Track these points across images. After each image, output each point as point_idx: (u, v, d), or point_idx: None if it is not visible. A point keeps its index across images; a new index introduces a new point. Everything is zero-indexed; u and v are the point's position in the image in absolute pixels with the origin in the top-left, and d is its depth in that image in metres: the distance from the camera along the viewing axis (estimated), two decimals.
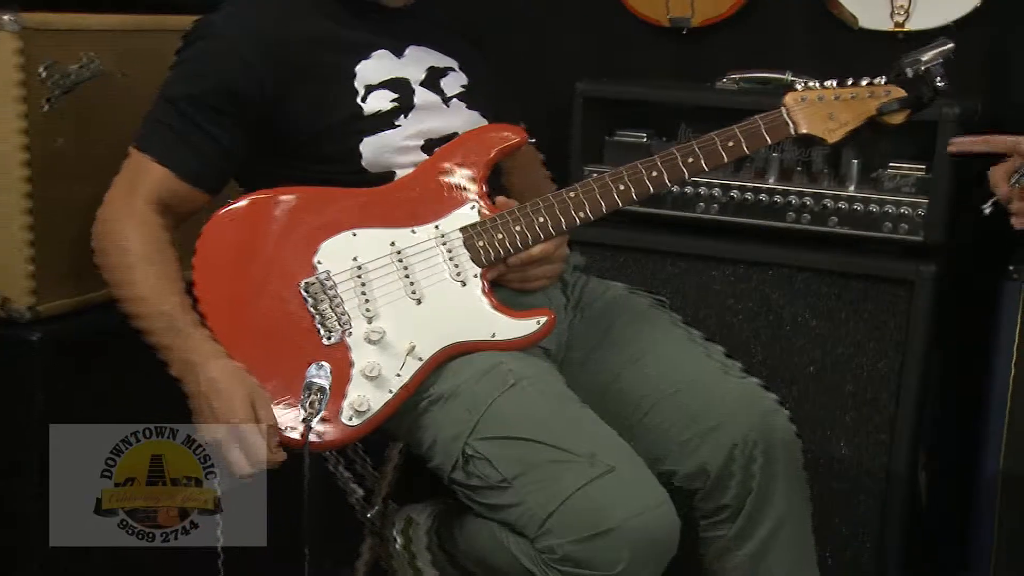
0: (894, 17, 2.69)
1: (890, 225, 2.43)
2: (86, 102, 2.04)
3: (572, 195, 1.91)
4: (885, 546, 2.47)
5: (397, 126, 1.94)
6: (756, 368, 2.49)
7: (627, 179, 1.91)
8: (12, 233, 1.98)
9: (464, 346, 1.85)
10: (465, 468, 1.77)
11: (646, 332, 2.01)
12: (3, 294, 1.99)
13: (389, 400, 1.81)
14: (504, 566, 1.78)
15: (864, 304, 2.45)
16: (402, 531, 2.03)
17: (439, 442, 1.81)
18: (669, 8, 2.88)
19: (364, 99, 1.93)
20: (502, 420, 1.77)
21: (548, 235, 1.90)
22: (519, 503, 1.72)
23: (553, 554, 1.68)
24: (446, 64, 2.04)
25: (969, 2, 2.63)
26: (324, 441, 1.79)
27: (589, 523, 1.66)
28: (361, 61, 1.95)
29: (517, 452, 1.74)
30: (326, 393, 1.78)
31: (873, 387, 2.46)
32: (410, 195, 1.92)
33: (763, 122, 1.92)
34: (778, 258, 2.50)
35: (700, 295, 2.57)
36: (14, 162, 1.95)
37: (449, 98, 2.01)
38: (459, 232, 1.89)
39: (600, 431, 1.79)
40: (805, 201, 2.48)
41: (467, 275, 1.88)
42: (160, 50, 2.08)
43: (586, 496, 1.67)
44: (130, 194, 1.85)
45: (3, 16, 1.89)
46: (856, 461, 2.48)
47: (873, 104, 1.93)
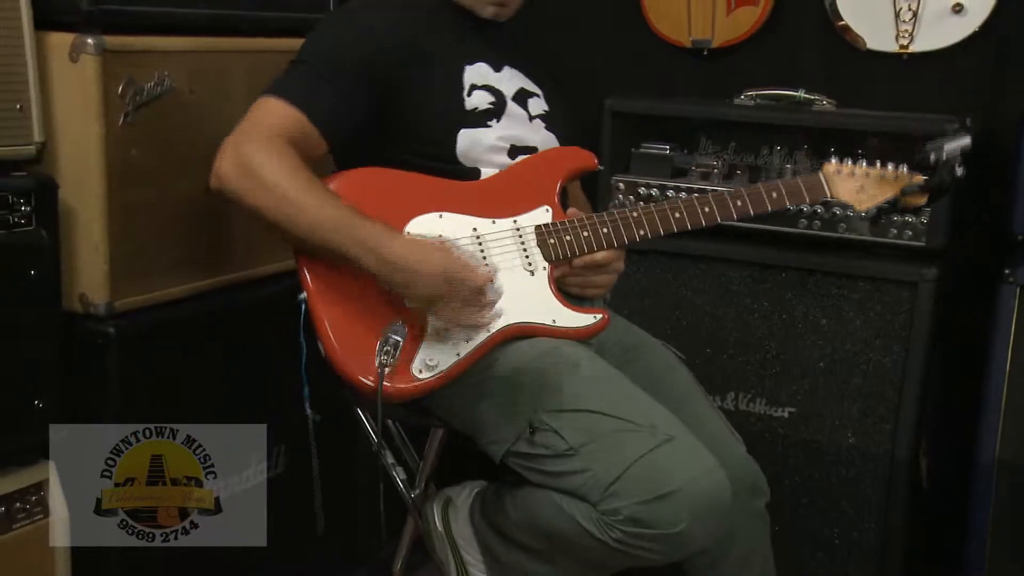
0: (899, 40, 2.70)
1: (895, 231, 2.43)
2: (159, 116, 2.06)
3: (635, 215, 1.96)
4: (888, 527, 2.48)
5: (490, 126, 1.98)
6: (770, 363, 2.56)
7: (683, 210, 1.97)
8: (91, 236, 1.99)
9: (526, 328, 1.88)
10: (531, 439, 1.78)
11: (670, 376, 2.05)
12: (83, 291, 2.01)
13: (456, 362, 1.83)
14: (563, 529, 1.77)
15: (870, 304, 2.46)
16: (441, 511, 2.02)
17: (503, 418, 1.83)
18: (691, 30, 2.90)
19: (469, 94, 1.98)
20: (567, 394, 1.79)
21: (611, 245, 1.94)
22: (585, 469, 1.72)
23: (617, 515, 1.69)
24: (533, 89, 2.08)
25: (968, 27, 2.65)
26: (394, 389, 1.80)
27: (652, 486, 1.68)
28: (467, 65, 2.01)
29: (583, 423, 1.75)
30: (399, 348, 1.79)
31: (878, 381, 2.46)
32: (493, 191, 1.96)
33: (803, 183, 2.03)
34: (791, 261, 2.51)
35: (720, 294, 2.58)
36: (94, 171, 1.97)
37: (533, 116, 2.06)
38: (533, 229, 1.93)
39: (654, 405, 1.82)
40: (816, 209, 2.48)
41: (536, 266, 1.92)
42: (224, 69, 2.15)
43: (650, 462, 1.69)
44: (262, 131, 1.84)
45: (87, 40, 1.92)
46: (862, 449, 2.49)
47: (899, 186, 2.02)
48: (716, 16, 2.89)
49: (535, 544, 1.86)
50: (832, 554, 2.53)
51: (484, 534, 1.95)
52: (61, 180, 1.96)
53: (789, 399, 2.54)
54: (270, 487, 2.32)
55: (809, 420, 2.52)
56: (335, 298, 1.84)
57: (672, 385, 2.00)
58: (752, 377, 2.58)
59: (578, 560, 1.82)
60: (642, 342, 2.11)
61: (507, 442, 1.80)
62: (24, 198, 1.88)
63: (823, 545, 2.53)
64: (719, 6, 2.88)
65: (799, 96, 2.65)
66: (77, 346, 2.01)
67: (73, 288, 2.01)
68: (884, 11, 2.71)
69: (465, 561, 1.97)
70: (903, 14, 2.69)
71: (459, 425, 1.91)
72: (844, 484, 2.50)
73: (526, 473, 1.81)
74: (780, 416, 2.55)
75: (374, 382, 1.77)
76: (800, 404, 2.53)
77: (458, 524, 1.99)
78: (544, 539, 1.83)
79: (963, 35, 2.66)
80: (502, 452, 1.82)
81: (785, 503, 2.51)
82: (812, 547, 2.54)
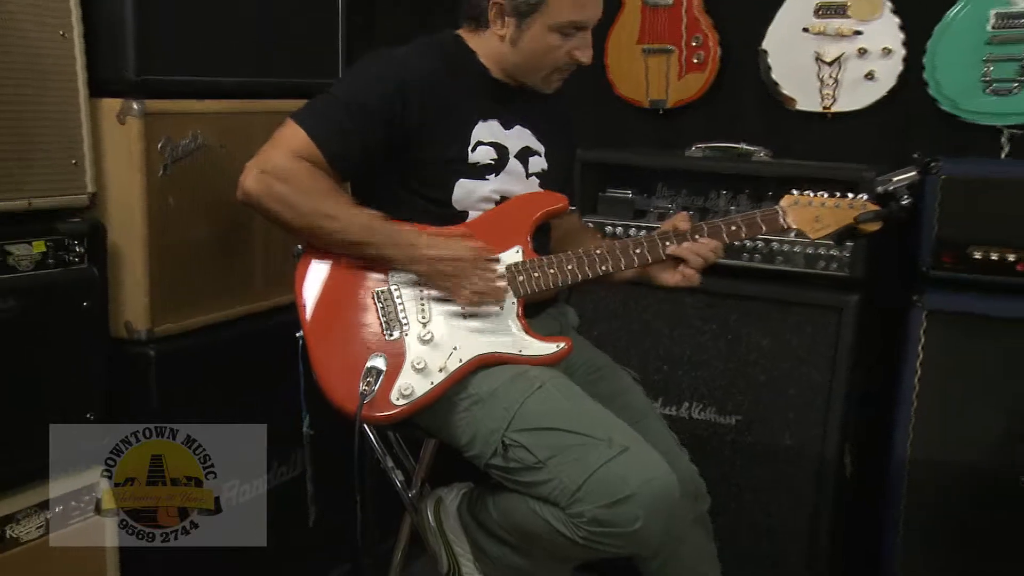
0: (823, 102, 2.74)
1: (823, 264, 2.46)
2: (192, 168, 2.07)
3: (599, 251, 1.90)
4: (820, 512, 2.49)
5: (487, 180, 1.92)
6: (719, 377, 2.55)
7: (644, 245, 1.91)
8: (135, 272, 2.00)
9: (495, 357, 1.83)
10: (504, 455, 1.75)
11: (628, 395, 2.01)
12: (128, 319, 2.02)
13: (430, 390, 1.79)
14: (537, 529, 1.75)
15: (803, 326, 2.47)
16: (433, 509, 1.98)
17: (480, 435, 1.79)
18: (649, 93, 2.93)
19: (473, 149, 1.90)
20: (533, 415, 1.75)
21: (575, 280, 1.89)
22: (552, 479, 1.70)
23: (582, 518, 1.67)
24: (536, 148, 1.99)
25: (880, 91, 2.70)
26: (374, 415, 1.77)
27: (611, 492, 1.66)
28: (480, 121, 1.92)
29: (549, 439, 1.72)
30: (381, 377, 1.76)
31: (810, 391, 2.47)
32: (474, 234, 1.89)
33: (761, 216, 1.93)
34: (737, 290, 2.52)
35: (675, 319, 2.58)
36: (137, 217, 1.99)
37: (530, 174, 1.98)
38: (505, 268, 1.88)
39: (612, 420, 1.78)
40: (757, 245, 2.51)
41: (505, 301, 1.87)
42: (247, 127, 2.13)
43: (608, 471, 1.67)
44: (281, 148, 1.80)
45: (132, 105, 1.95)
46: (797, 449, 2.49)
47: (853, 214, 1.92)
48: (670, 80, 2.91)
49: (514, 539, 1.85)
50: (772, 539, 2.53)
51: (471, 529, 1.93)
52: (109, 224, 1.97)
53: (735, 408, 2.55)
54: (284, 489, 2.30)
55: (752, 426, 2.54)
56: (326, 335, 1.83)
57: (629, 402, 1.97)
58: (703, 389, 2.57)
59: (551, 553, 1.81)
60: (606, 364, 2.07)
61: (484, 457, 1.78)
62: (78, 240, 1.89)
63: (764, 532, 2.53)
64: (672, 72, 2.90)
65: (741, 148, 2.68)
66: (122, 366, 2.01)
67: (119, 317, 2.02)
68: (810, 78, 2.75)
69: (455, 552, 1.95)
70: (826, 80, 2.72)
71: (446, 439, 1.88)
72: (782, 480, 2.51)
73: (503, 481, 1.80)
74: (728, 423, 2.56)
75: (355, 407, 1.75)
76: (744, 412, 2.54)
77: (448, 520, 1.96)
78: (522, 536, 1.82)
79: (875, 98, 2.71)
80: (482, 464, 1.80)
81: (732, 497, 2.53)
82: (755, 534, 2.54)
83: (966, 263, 2.35)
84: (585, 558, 1.83)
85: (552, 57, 1.90)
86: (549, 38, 1.87)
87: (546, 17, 1.85)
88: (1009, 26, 2.51)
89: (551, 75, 1.94)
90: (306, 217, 1.79)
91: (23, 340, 1.81)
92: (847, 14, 2.69)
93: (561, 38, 1.87)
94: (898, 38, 2.66)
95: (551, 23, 1.86)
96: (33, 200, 1.84)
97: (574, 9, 1.86)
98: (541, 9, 1.85)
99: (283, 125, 1.83)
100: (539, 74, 1.93)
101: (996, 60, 2.53)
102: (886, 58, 2.67)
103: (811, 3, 2.72)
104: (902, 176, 1.98)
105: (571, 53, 1.89)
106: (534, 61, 1.91)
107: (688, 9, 2.86)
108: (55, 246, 1.86)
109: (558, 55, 1.89)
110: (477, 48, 1.95)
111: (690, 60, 2.88)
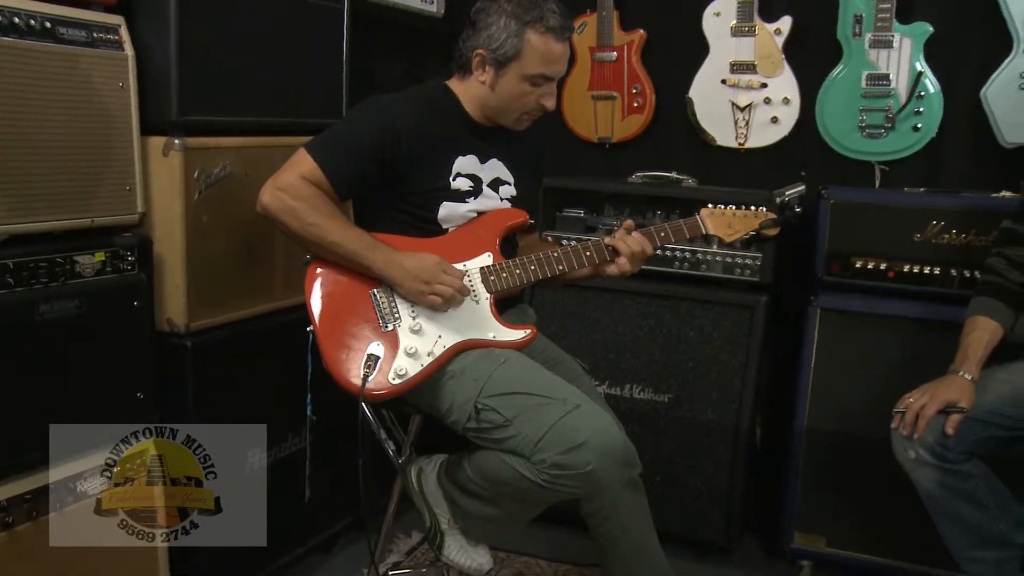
0: (738, 139, 2.82)
1: (738, 271, 2.52)
2: (222, 193, 2.07)
3: (555, 255, 1.92)
4: (735, 477, 2.54)
5: (467, 202, 1.93)
6: (655, 363, 2.58)
7: (592, 248, 1.94)
8: (175, 278, 2.02)
9: (473, 342, 1.85)
10: (477, 418, 1.77)
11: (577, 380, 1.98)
12: (169, 316, 2.02)
13: (420, 370, 1.80)
14: (506, 476, 1.76)
15: (722, 322, 2.53)
16: (416, 475, 1.99)
17: (456, 403, 1.80)
18: (597, 131, 2.98)
19: (454, 179, 1.92)
20: (500, 382, 1.77)
21: (537, 278, 1.91)
22: (518, 434, 1.72)
23: (544, 463, 1.69)
24: (507, 178, 2.01)
25: (782, 132, 2.78)
26: (376, 391, 1.77)
27: (567, 441, 1.68)
28: (459, 157, 1.93)
29: (514, 401, 1.74)
30: (379, 361, 1.78)
31: (728, 375, 2.52)
32: (452, 243, 1.91)
33: (684, 223, 1.97)
34: (669, 292, 2.56)
35: (620, 316, 2.62)
36: (177, 232, 2.00)
37: (503, 199, 2.00)
38: (478, 270, 1.90)
39: (567, 385, 1.80)
40: (685, 255, 2.56)
41: (480, 297, 1.89)
42: (267, 158, 2.11)
43: (564, 424, 1.70)
44: (293, 171, 1.82)
45: (175, 141, 1.97)
46: (717, 423, 2.54)
47: (756, 222, 1.99)
48: (615, 120, 2.95)
49: (486, 490, 1.86)
50: (698, 498, 2.57)
51: (448, 489, 1.94)
52: (155, 238, 1.98)
53: (668, 388, 2.58)
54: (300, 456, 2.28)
55: (682, 403, 2.57)
56: (332, 329, 1.83)
57: (579, 385, 1.92)
58: (642, 373, 2.60)
59: (518, 499, 1.82)
60: (559, 354, 2.08)
61: (461, 421, 1.80)
62: (130, 251, 1.91)
63: (691, 492, 2.57)
64: (616, 113, 2.94)
65: (672, 176, 2.73)
66: (165, 355, 2.02)
67: (162, 314, 2.03)
68: (727, 120, 2.81)
69: (435, 512, 1.97)
70: (740, 122, 2.79)
71: (429, 410, 1.88)
72: (704, 448, 2.55)
73: (477, 441, 1.81)
74: (662, 400, 2.59)
75: (359, 387, 1.78)
76: (675, 392, 2.58)
77: (428, 485, 1.98)
78: (492, 486, 1.83)
79: (778, 137, 2.79)
80: (460, 428, 1.81)
81: (665, 463, 2.57)
82: (683, 494, 2.57)
83: (850, 270, 2.43)
84: (545, 501, 1.83)
85: (522, 102, 1.93)
86: (521, 85, 1.91)
87: (520, 67, 1.90)
88: (877, 85, 2.63)
89: (521, 117, 1.97)
90: (308, 228, 1.81)
91: (88, 332, 1.82)
92: (755, 70, 2.76)
93: (531, 86, 1.91)
94: (795, 90, 2.75)
95: (524, 73, 1.90)
96: (95, 219, 1.86)
97: (543, 63, 1.90)
98: (517, 59, 1.89)
99: (296, 152, 1.86)
100: (511, 116, 1.96)
101: (868, 110, 2.65)
102: (786, 106, 2.77)
103: (727, 61, 2.79)
104: (793, 190, 1.99)
105: (539, 100, 1.93)
106: (508, 104, 1.94)
107: (629, 63, 2.91)
108: (112, 256, 1.87)
109: (528, 100, 1.93)
110: (462, 94, 1.97)
111: (631, 104, 2.93)
